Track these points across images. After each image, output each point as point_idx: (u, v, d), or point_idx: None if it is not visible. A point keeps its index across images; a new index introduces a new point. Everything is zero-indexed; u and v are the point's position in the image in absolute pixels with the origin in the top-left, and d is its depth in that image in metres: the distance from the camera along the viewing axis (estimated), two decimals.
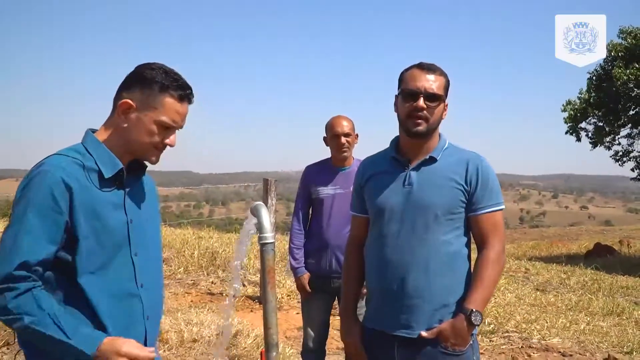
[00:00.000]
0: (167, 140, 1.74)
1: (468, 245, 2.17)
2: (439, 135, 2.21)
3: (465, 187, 2.10)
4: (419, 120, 2.09)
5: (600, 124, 17.92)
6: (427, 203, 2.09)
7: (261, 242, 1.79)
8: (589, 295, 7.81)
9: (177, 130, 1.77)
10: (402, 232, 2.11)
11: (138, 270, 1.73)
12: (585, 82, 17.55)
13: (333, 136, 3.37)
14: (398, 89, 2.18)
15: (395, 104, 2.20)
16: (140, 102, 1.69)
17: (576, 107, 17.61)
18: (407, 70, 2.16)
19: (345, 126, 3.36)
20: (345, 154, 3.36)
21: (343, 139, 3.33)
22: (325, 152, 3.53)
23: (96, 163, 1.69)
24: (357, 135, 3.45)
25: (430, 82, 2.09)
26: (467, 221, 2.13)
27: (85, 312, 1.63)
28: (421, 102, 2.07)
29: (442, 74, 2.14)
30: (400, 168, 2.18)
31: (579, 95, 17.72)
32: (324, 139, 3.48)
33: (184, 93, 1.73)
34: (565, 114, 17.88)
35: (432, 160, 2.15)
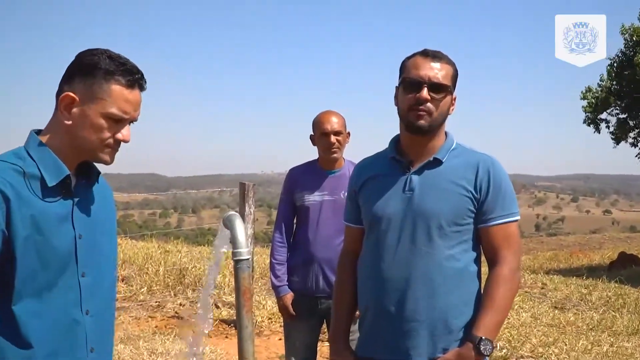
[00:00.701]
0: (119, 136, 1.71)
1: (477, 261, 2.16)
2: (445, 134, 2.21)
3: (475, 194, 2.09)
4: (422, 113, 2.08)
5: (623, 116, 18.10)
6: (430, 212, 2.08)
7: (235, 258, 1.78)
8: (613, 313, 7.86)
9: (132, 124, 1.74)
10: (401, 244, 2.10)
11: (84, 294, 1.70)
12: (605, 68, 17.73)
13: (321, 134, 3.36)
14: (399, 78, 2.18)
15: (396, 96, 2.19)
16: (83, 93, 1.66)
17: (597, 95, 17.78)
18: (409, 57, 2.16)
19: (335, 123, 3.35)
20: (334, 154, 3.35)
21: (332, 138, 3.32)
22: (313, 153, 3.52)
23: (39, 169, 1.65)
24: (348, 133, 3.45)
25: (436, 71, 2.09)
26: (476, 233, 2.12)
27: (16, 343, 1.58)
28: (424, 92, 2.07)
29: (449, 62, 2.14)
30: (401, 171, 2.17)
31: (600, 83, 17.90)
32: (310, 138, 3.47)
33: (133, 78, 1.70)
34: (585, 103, 18.07)
35: (437, 162, 2.14)
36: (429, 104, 2.08)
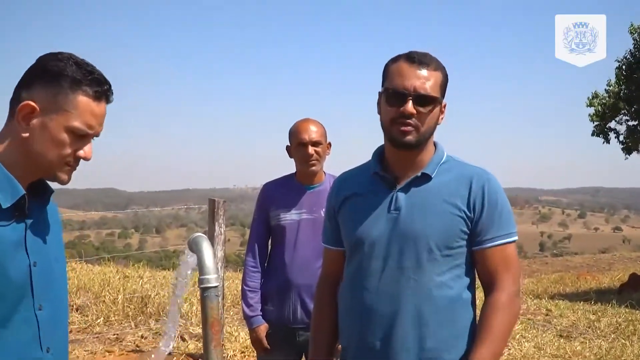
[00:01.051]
0: (80, 153, 1.68)
1: (472, 287, 2.17)
2: (435, 145, 2.21)
3: (468, 213, 2.10)
4: (407, 128, 2.07)
5: (634, 123, 18.22)
6: (419, 234, 2.08)
7: (202, 286, 1.76)
8: (623, 341, 7.92)
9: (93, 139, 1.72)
10: (387, 271, 2.10)
11: (43, 329, 1.67)
12: (613, 71, 17.84)
13: (298, 145, 3.36)
14: (382, 85, 2.17)
15: (379, 104, 2.18)
16: (45, 103, 1.63)
17: (604, 101, 17.88)
18: (393, 62, 2.15)
19: (313, 132, 3.35)
20: (313, 167, 3.36)
21: (311, 149, 3.33)
22: (290, 166, 3.52)
23: None
24: (329, 144, 3.46)
25: (422, 80, 2.07)
26: (469, 256, 2.13)
27: None
28: (410, 106, 2.05)
29: (438, 67, 2.12)
30: (385, 188, 2.17)
31: (607, 88, 18.00)
32: (287, 149, 3.48)
33: (102, 90, 1.69)
34: (591, 110, 18.13)
35: (426, 178, 2.14)
36: (414, 119, 2.07)
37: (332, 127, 3.50)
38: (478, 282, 2.19)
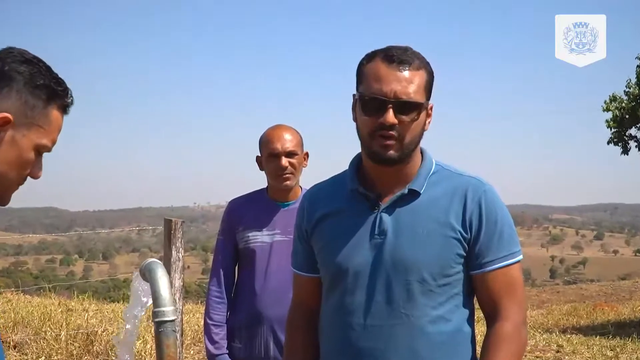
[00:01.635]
0: (39, 173, 1.66)
1: (471, 319, 2.17)
2: (422, 153, 2.20)
3: (464, 233, 2.09)
4: (389, 142, 2.05)
5: None
6: (409, 263, 2.07)
7: (157, 320, 1.76)
8: None
9: None
10: (374, 306, 2.10)
11: None
12: (634, 70, 17.95)
13: (270, 156, 3.36)
14: (356, 88, 2.14)
15: (354, 110, 2.16)
16: (18, 115, 1.57)
17: (623, 105, 17.95)
18: (368, 60, 2.11)
19: (287, 141, 3.35)
20: (287, 182, 3.36)
21: (284, 161, 3.33)
22: (261, 180, 3.53)
23: None
24: (306, 154, 3.47)
25: (404, 84, 2.03)
26: (468, 282, 2.13)
27: None
28: (390, 115, 2.02)
29: (421, 65, 2.09)
30: (367, 207, 2.16)
31: (627, 90, 18.09)
32: (257, 160, 3.48)
33: (71, 102, 1.66)
34: (609, 115, 18.19)
35: (413, 194, 2.13)
36: (396, 129, 2.03)
37: (310, 135, 3.52)
38: (479, 314, 2.19)
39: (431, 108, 2.15)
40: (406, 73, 2.04)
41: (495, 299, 2.10)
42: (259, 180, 3.58)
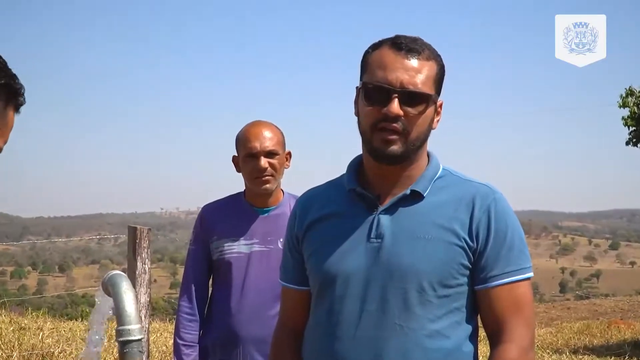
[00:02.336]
0: None
1: (474, 337, 2.17)
2: (428, 156, 2.23)
3: (470, 242, 2.10)
4: (392, 137, 2.07)
5: None
6: (407, 269, 2.08)
7: (121, 339, 1.76)
8: None
9: None
10: (365, 316, 2.10)
11: None
12: None
13: (247, 156, 3.36)
14: (360, 79, 2.17)
15: (356, 103, 2.19)
16: None
17: None
18: (374, 49, 2.15)
19: (267, 139, 3.36)
20: (267, 185, 3.36)
21: (264, 161, 3.33)
22: (238, 183, 3.54)
23: None
24: (289, 153, 3.48)
25: (412, 73, 2.06)
26: (472, 298, 2.14)
27: None
28: (395, 105, 2.04)
29: (432, 55, 2.12)
30: (364, 209, 2.18)
31: None
32: (233, 161, 3.49)
33: (24, 100, 1.69)
34: (625, 112, 18.14)
35: (416, 196, 2.15)
36: (401, 122, 2.06)
37: (293, 135, 3.52)
38: (482, 331, 2.20)
39: (441, 105, 2.18)
40: (414, 62, 2.07)
41: (500, 318, 2.11)
42: (236, 183, 3.59)
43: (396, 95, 2.04)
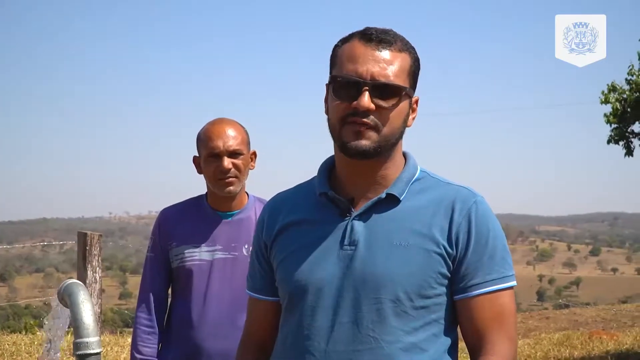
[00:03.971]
0: None
1: (453, 351, 2.18)
2: (405, 157, 2.24)
3: (449, 249, 2.10)
4: (363, 130, 2.07)
5: None
6: (382, 278, 2.08)
7: (78, 352, 1.76)
8: None
9: None
10: (338, 328, 2.11)
11: None
12: (635, 54, 18.12)
13: (209, 156, 3.36)
14: (330, 73, 2.18)
15: (326, 101, 2.19)
16: None
17: (624, 95, 18.02)
18: (343, 42, 2.16)
19: (230, 138, 3.35)
20: (231, 187, 3.36)
21: (227, 161, 3.32)
22: (199, 185, 3.54)
23: None
24: (253, 153, 3.49)
25: (383, 65, 2.07)
26: (451, 308, 2.15)
27: None
28: (365, 99, 2.04)
29: (404, 48, 2.14)
30: (336, 215, 2.18)
31: (629, 77, 18.19)
32: (194, 161, 3.49)
33: None
34: (608, 108, 18.25)
35: (392, 200, 2.15)
36: (372, 116, 2.06)
37: (258, 134, 3.52)
38: (462, 344, 2.20)
39: (416, 102, 2.20)
40: (386, 53, 2.09)
41: (480, 330, 2.11)
42: (196, 185, 3.58)
43: (367, 88, 2.05)
